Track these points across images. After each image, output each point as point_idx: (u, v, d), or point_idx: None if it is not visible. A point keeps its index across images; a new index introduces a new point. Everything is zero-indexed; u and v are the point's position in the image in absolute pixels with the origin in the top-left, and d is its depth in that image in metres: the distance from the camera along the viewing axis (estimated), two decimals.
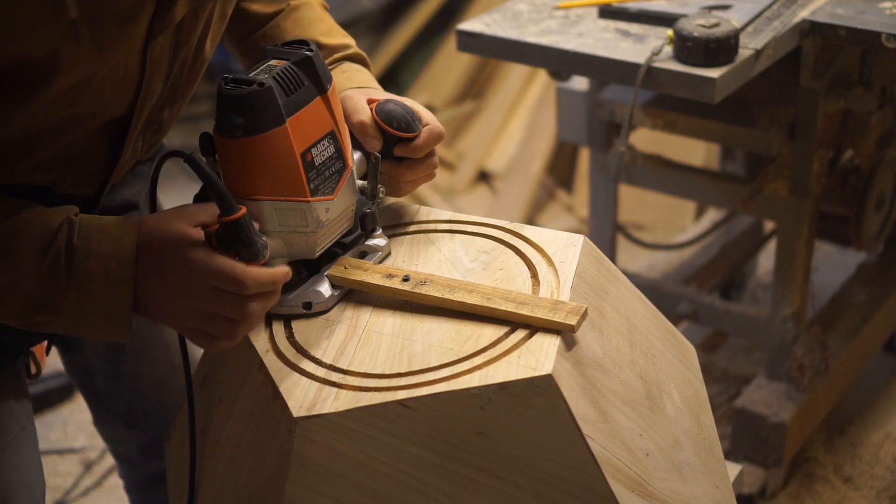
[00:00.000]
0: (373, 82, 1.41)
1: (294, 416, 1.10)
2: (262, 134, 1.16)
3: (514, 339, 1.16)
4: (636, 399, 1.23)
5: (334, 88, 1.25)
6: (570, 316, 1.15)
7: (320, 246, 1.25)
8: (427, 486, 1.11)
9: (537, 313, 1.16)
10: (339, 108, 1.25)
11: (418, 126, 1.31)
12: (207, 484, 1.25)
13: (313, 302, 1.25)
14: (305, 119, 1.19)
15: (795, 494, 2.36)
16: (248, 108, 1.14)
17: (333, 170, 1.23)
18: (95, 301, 1.11)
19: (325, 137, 1.22)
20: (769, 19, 1.99)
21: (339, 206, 1.24)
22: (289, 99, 1.17)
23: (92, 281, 1.10)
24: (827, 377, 2.34)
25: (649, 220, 3.38)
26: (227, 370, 1.27)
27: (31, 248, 1.10)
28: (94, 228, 1.12)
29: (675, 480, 1.23)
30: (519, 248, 1.32)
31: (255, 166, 1.17)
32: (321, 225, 1.22)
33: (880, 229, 2.38)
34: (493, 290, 1.20)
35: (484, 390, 1.10)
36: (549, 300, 1.18)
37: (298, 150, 1.18)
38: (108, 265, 1.11)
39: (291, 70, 1.19)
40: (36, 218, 1.12)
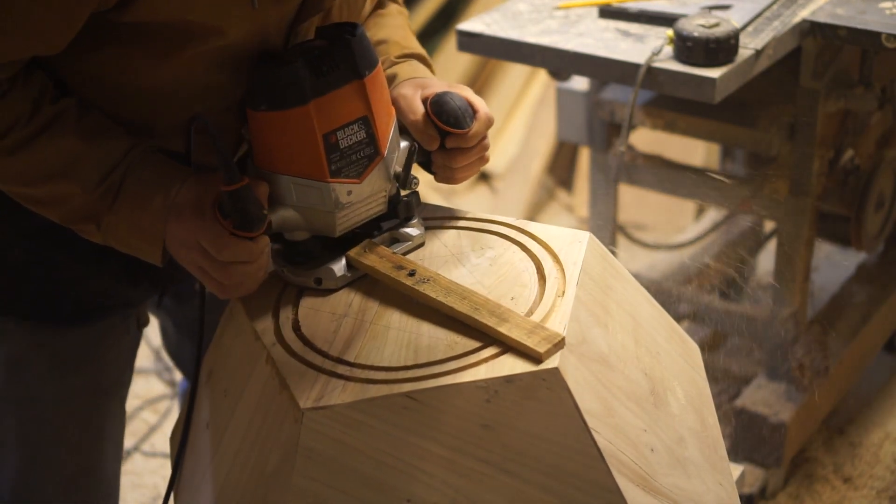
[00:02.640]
0: (429, 75, 1.43)
1: (301, 407, 1.10)
2: (283, 111, 1.19)
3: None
4: (641, 395, 1.24)
5: (377, 76, 1.25)
6: (542, 343, 1.12)
7: (341, 226, 1.26)
8: (433, 478, 1.11)
9: (513, 333, 1.14)
10: (379, 95, 1.26)
11: (470, 120, 1.31)
12: (213, 476, 1.25)
13: (324, 279, 1.27)
14: (334, 101, 1.21)
15: (795, 494, 2.36)
16: (272, 85, 1.18)
17: (362, 155, 1.24)
18: (131, 229, 1.24)
19: (356, 122, 1.23)
20: (769, 19, 1.99)
21: (366, 190, 1.26)
22: (317, 80, 1.19)
23: (129, 217, 1.23)
24: (827, 377, 2.34)
25: (649, 220, 3.38)
26: (233, 363, 1.27)
27: (98, 169, 1.23)
28: (147, 173, 1.23)
29: (679, 476, 1.24)
30: (525, 244, 1.32)
31: (275, 141, 1.21)
32: (341, 206, 1.24)
33: (880, 229, 2.39)
34: (485, 302, 1.19)
35: (490, 383, 1.11)
36: (531, 323, 1.16)
37: (321, 130, 1.20)
38: (143, 219, 1.22)
39: (327, 52, 1.20)
40: (110, 139, 1.24)
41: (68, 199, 1.24)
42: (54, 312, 1.43)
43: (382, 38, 1.44)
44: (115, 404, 1.55)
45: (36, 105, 1.22)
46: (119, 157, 1.24)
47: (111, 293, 1.44)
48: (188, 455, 1.33)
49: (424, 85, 1.36)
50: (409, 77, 1.39)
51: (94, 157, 1.23)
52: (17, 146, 1.21)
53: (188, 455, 1.33)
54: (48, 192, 1.24)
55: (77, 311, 1.43)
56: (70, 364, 1.45)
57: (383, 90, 1.28)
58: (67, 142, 1.22)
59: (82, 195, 1.23)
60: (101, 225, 1.24)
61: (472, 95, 1.34)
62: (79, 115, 1.24)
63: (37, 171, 1.23)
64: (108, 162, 1.23)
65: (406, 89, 1.35)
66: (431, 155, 1.34)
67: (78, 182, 1.22)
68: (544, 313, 1.20)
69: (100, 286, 1.42)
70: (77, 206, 1.24)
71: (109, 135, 1.25)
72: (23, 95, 1.21)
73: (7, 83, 1.21)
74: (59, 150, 1.22)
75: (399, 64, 1.42)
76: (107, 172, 1.23)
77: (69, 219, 1.26)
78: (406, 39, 1.47)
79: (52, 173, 1.23)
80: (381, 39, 1.44)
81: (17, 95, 1.21)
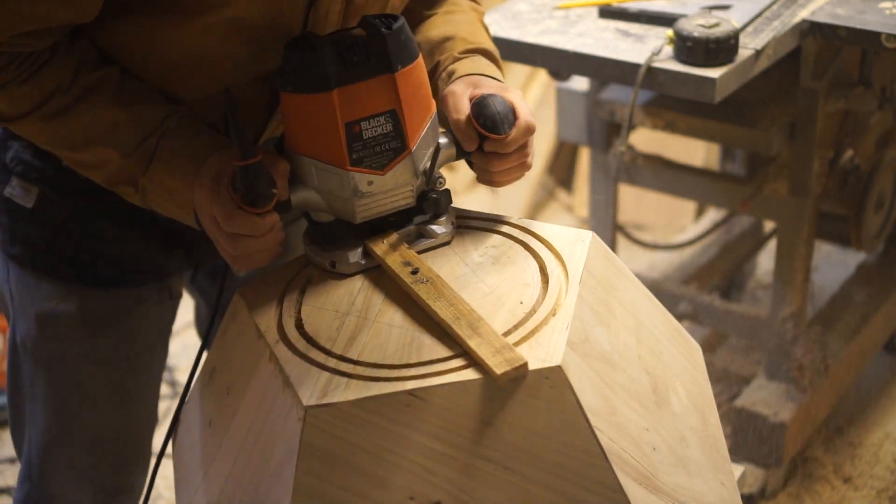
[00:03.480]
0: (493, 72, 1.41)
1: (304, 404, 1.10)
2: (307, 95, 1.21)
3: (524, 331, 1.17)
4: (643, 394, 1.24)
5: (413, 72, 1.25)
6: (502, 364, 1.10)
7: (361, 214, 1.28)
8: (435, 475, 1.11)
9: (480, 349, 1.13)
10: (412, 90, 1.25)
11: (508, 126, 1.29)
12: (215, 474, 1.25)
13: (338, 263, 1.29)
14: (360, 92, 1.22)
15: (795, 494, 2.36)
16: (299, 68, 1.20)
17: (387, 147, 1.25)
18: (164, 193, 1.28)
19: (383, 115, 1.23)
20: (769, 19, 1.99)
21: (389, 182, 1.26)
22: (345, 69, 1.20)
23: (161, 181, 1.27)
24: (827, 377, 2.34)
25: (649, 220, 3.38)
26: (235, 361, 1.27)
27: (135, 135, 1.27)
28: (180, 141, 1.28)
29: (681, 475, 1.24)
30: (528, 243, 1.33)
31: (299, 123, 1.24)
32: (360, 195, 1.25)
33: (880, 229, 2.39)
34: (469, 312, 1.18)
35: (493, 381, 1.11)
36: (502, 342, 1.13)
37: (343, 118, 1.21)
38: (173, 185, 1.27)
39: (360, 42, 1.20)
40: (147, 106, 1.29)
41: (108, 163, 1.29)
42: (86, 273, 1.46)
43: (449, 34, 1.44)
44: (147, 372, 1.57)
45: (77, 72, 1.26)
46: (155, 123, 1.28)
47: (145, 259, 1.48)
48: (190, 453, 1.33)
49: (476, 84, 1.35)
50: (466, 74, 1.38)
51: (132, 124, 1.27)
52: (59, 112, 1.26)
53: (190, 453, 1.33)
54: (90, 156, 1.29)
55: (109, 274, 1.47)
56: (99, 325, 1.49)
57: (419, 86, 1.27)
58: (106, 109, 1.27)
59: (120, 160, 1.28)
60: (139, 188, 1.29)
61: (518, 101, 1.32)
62: (119, 82, 1.28)
63: (78, 136, 1.28)
64: (144, 128, 1.28)
65: (457, 86, 1.35)
66: (471, 155, 1.33)
67: (116, 147, 1.27)
68: (547, 312, 1.20)
69: (134, 252, 1.47)
70: (116, 170, 1.29)
71: (147, 102, 1.29)
72: (64, 63, 1.26)
73: (48, 52, 1.25)
74: (98, 116, 1.27)
75: (460, 60, 1.41)
76: (142, 138, 1.27)
77: (110, 181, 1.31)
78: (473, 35, 1.45)
79: (92, 139, 1.28)
80: (448, 35, 1.44)
81: (58, 63, 1.25)
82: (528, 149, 1.33)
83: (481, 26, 1.50)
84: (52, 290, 1.47)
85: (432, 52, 1.44)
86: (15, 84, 1.24)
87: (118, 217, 1.44)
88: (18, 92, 1.25)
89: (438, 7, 1.50)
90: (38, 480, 1.56)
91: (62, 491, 1.56)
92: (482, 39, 1.46)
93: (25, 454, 1.57)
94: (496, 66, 1.44)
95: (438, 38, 1.44)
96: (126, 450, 1.59)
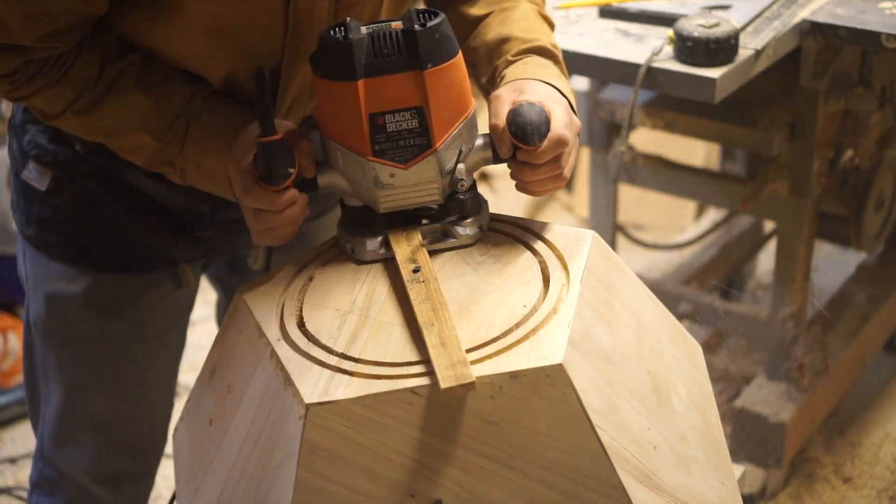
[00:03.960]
0: (546, 73, 1.36)
1: (306, 402, 1.10)
2: (333, 81, 1.22)
3: (525, 330, 1.17)
4: (644, 393, 1.24)
5: (446, 71, 1.23)
6: (450, 378, 1.09)
7: (384, 204, 1.29)
8: (437, 474, 1.11)
9: (437, 360, 1.12)
10: (443, 89, 1.24)
11: (539, 137, 1.25)
12: (216, 472, 1.25)
13: (356, 249, 1.31)
14: (386, 85, 1.22)
15: (795, 494, 2.36)
16: (328, 54, 1.21)
17: (411, 143, 1.24)
18: (200, 171, 1.33)
19: (409, 110, 1.23)
20: (769, 19, 2.00)
21: (412, 178, 1.27)
22: (374, 60, 1.20)
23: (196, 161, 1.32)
24: (827, 377, 2.34)
25: (649, 220, 3.38)
26: (237, 358, 1.27)
27: (164, 118, 1.32)
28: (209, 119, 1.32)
29: (681, 474, 1.24)
30: (529, 242, 1.33)
31: (326, 108, 1.26)
32: (381, 185, 1.26)
33: (880, 229, 2.39)
34: (445, 321, 1.17)
35: (495, 379, 1.11)
36: (461, 358, 1.12)
37: (368, 109, 1.22)
38: (207, 163, 1.31)
39: (393, 36, 1.20)
40: (172, 88, 1.33)
41: (144, 147, 1.33)
42: (95, 257, 1.50)
43: (504, 34, 1.41)
44: (158, 359, 1.60)
45: (102, 66, 1.31)
46: (182, 104, 1.32)
47: (153, 246, 1.51)
48: (191, 451, 1.33)
49: (521, 89, 1.31)
50: (516, 78, 1.35)
51: (159, 108, 1.32)
52: (91, 106, 1.31)
53: (191, 451, 1.33)
54: (128, 142, 1.34)
55: (118, 259, 1.50)
56: (106, 309, 1.52)
57: (451, 86, 1.25)
58: (132, 96, 1.32)
59: (155, 143, 1.32)
60: (177, 169, 1.34)
61: (557, 111, 1.28)
62: (142, 68, 1.32)
63: (113, 125, 1.33)
64: (171, 110, 1.32)
65: (502, 91, 1.33)
66: (507, 163, 1.32)
67: (149, 132, 1.32)
68: (548, 311, 1.20)
69: (142, 238, 1.50)
70: (153, 153, 1.33)
71: (171, 84, 1.33)
72: (89, 60, 1.30)
73: (74, 52, 1.29)
74: (127, 104, 1.32)
75: (513, 63, 1.39)
76: (172, 120, 1.32)
77: (150, 163, 1.35)
78: (528, 31, 1.42)
79: (126, 126, 1.33)
80: (503, 37, 1.41)
81: (84, 61, 1.30)
82: (560, 161, 1.29)
83: (539, 20, 1.46)
84: (61, 271, 1.50)
85: (490, 55, 1.42)
86: (48, 87, 1.29)
87: (127, 203, 1.48)
88: (52, 94, 1.30)
89: (491, 5, 1.47)
90: (49, 459, 1.60)
91: (69, 471, 1.59)
92: (538, 36, 1.42)
93: (39, 432, 1.61)
94: (553, 62, 1.41)
95: (494, 40, 1.42)
96: (132, 434, 1.61)
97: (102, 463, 1.59)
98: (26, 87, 1.29)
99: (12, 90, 1.30)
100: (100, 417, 1.57)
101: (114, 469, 1.61)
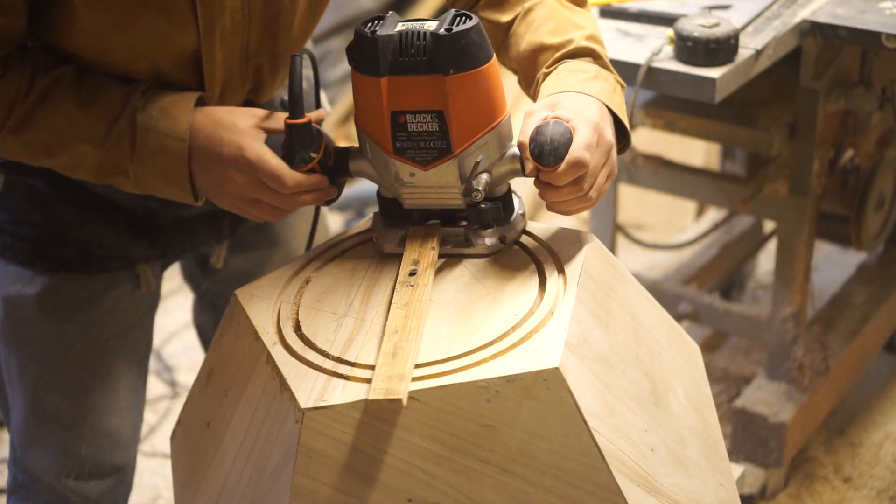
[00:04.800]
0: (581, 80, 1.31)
1: (302, 407, 1.10)
2: (361, 74, 1.23)
3: (522, 333, 1.17)
4: (642, 395, 1.24)
5: (470, 79, 1.20)
6: (379, 391, 1.09)
7: (408, 201, 1.30)
8: (433, 477, 1.11)
9: (379, 370, 1.12)
10: (466, 96, 1.21)
11: (556, 159, 1.21)
12: (213, 476, 1.25)
13: (379, 239, 1.33)
14: (408, 85, 1.21)
15: (795, 494, 2.36)
16: (356, 48, 1.22)
17: (431, 146, 1.24)
18: (157, 170, 1.29)
19: (429, 113, 1.22)
20: (769, 19, 1.99)
21: (431, 179, 1.26)
22: (400, 59, 1.20)
23: (152, 153, 1.28)
24: (827, 377, 2.34)
25: (649, 220, 3.38)
26: (234, 363, 1.27)
27: (101, 122, 1.28)
28: (156, 107, 1.29)
29: (679, 476, 1.24)
30: (526, 244, 1.33)
31: (357, 98, 1.26)
32: (402, 183, 1.27)
33: (880, 229, 2.39)
34: (410, 331, 1.17)
35: (491, 383, 1.11)
36: (403, 372, 1.11)
37: (390, 107, 1.22)
38: (166, 142, 1.27)
39: (421, 37, 1.19)
40: (107, 92, 1.30)
41: (87, 158, 1.30)
42: (51, 257, 1.48)
43: (535, 43, 1.37)
44: (120, 360, 1.57)
45: (32, 79, 1.29)
46: (119, 106, 1.29)
47: (109, 245, 1.49)
48: (188, 455, 1.33)
49: (554, 105, 1.27)
50: (550, 93, 1.31)
51: (97, 114, 1.28)
52: (25, 122, 1.29)
53: (188, 455, 1.33)
54: (68, 157, 1.31)
55: (74, 259, 1.49)
56: (64, 309, 1.51)
57: (476, 94, 1.22)
58: (66, 107, 1.28)
59: (96, 152, 1.29)
60: (130, 174, 1.30)
61: (582, 131, 1.23)
62: (76, 78, 1.30)
63: (50, 141, 1.30)
64: (109, 115, 1.29)
65: (538, 106, 1.29)
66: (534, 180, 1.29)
67: (89, 142, 1.29)
68: (545, 313, 1.20)
69: (98, 236, 1.48)
70: (98, 162, 1.30)
71: (105, 90, 1.30)
72: (19, 73, 1.28)
73: (0, 67, 1.27)
74: (63, 116, 1.28)
75: (549, 76, 1.34)
76: (111, 124, 1.28)
77: (99, 175, 1.32)
78: (557, 33, 1.36)
79: (65, 140, 1.29)
80: (534, 46, 1.37)
81: (12, 75, 1.28)
82: (581, 184, 1.24)
83: (564, 12, 1.40)
84: (18, 273, 1.49)
85: (527, 71, 1.39)
86: None
87: (80, 201, 1.46)
88: None
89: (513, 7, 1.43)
90: (20, 463, 1.59)
91: (41, 474, 1.58)
92: (570, 34, 1.36)
93: (10, 437, 1.60)
94: (592, 58, 1.35)
95: (528, 52, 1.38)
96: (97, 433, 1.58)
97: (72, 462, 1.57)
98: None
99: None
100: (64, 418, 1.55)
101: (85, 468, 1.59)
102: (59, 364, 1.53)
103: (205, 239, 1.56)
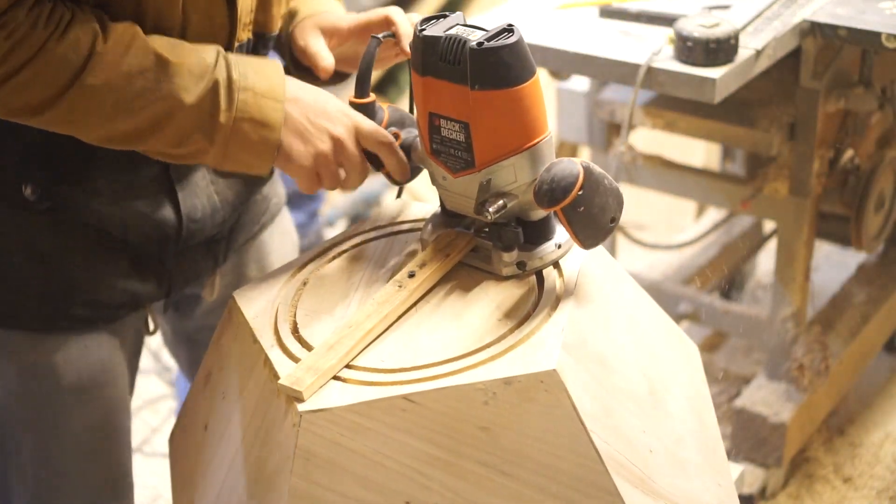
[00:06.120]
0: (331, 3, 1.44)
1: (299, 409, 1.10)
2: (413, 69, 1.24)
3: (519, 335, 1.17)
4: (640, 396, 1.23)
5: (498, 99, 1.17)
6: (289, 378, 1.11)
7: (445, 201, 1.31)
8: (431, 480, 1.11)
9: (306, 359, 1.14)
10: (490, 115, 1.19)
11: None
12: (211, 478, 1.25)
13: (423, 231, 1.34)
14: (442, 90, 1.20)
15: (795, 494, 2.36)
16: (412, 43, 1.23)
17: (458, 155, 1.23)
18: (247, 132, 1.25)
19: (457, 122, 1.21)
20: (769, 19, 1.99)
21: (458, 187, 1.26)
22: (440, 63, 1.19)
23: (248, 113, 1.25)
24: (827, 377, 2.34)
25: (649, 220, 3.38)
26: (231, 365, 1.27)
27: (192, 79, 1.22)
28: (251, 67, 1.26)
29: (678, 477, 1.24)
30: None
31: (414, 88, 1.27)
32: (436, 182, 1.29)
33: (880, 229, 2.39)
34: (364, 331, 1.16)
35: (489, 385, 1.11)
36: (328, 368, 1.12)
37: (427, 107, 1.23)
38: (263, 102, 1.25)
39: (460, 44, 1.18)
40: (190, 52, 1.23)
41: (173, 114, 1.22)
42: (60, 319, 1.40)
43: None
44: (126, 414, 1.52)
45: (103, 27, 1.20)
46: (213, 58, 1.24)
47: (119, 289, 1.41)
48: (186, 457, 1.33)
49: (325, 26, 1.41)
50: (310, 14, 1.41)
51: (188, 64, 1.22)
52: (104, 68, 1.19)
53: (186, 457, 1.33)
54: (151, 115, 1.22)
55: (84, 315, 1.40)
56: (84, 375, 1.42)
57: (502, 115, 1.18)
58: (153, 51, 1.21)
59: (184, 107, 1.22)
60: (221, 130, 1.24)
61: None
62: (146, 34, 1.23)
63: (132, 92, 1.20)
64: (202, 65, 1.23)
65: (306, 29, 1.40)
66: None
67: (181, 91, 1.21)
68: (542, 316, 1.20)
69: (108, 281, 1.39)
70: (183, 120, 1.22)
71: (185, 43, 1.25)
72: (88, 17, 1.20)
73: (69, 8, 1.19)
74: (148, 61, 1.20)
75: None
76: (203, 73, 1.23)
77: (179, 139, 1.23)
78: None
79: (146, 88, 1.20)
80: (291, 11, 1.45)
81: (83, 17, 1.19)
82: None
83: None
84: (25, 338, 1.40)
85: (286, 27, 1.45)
86: (52, 42, 1.16)
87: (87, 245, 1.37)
88: (55, 56, 1.16)
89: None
90: None
91: None
92: None
93: None
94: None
95: None
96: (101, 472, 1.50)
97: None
98: (26, 45, 1.15)
99: (10, 52, 1.14)
100: None
101: None
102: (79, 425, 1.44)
103: (203, 267, 1.49)
